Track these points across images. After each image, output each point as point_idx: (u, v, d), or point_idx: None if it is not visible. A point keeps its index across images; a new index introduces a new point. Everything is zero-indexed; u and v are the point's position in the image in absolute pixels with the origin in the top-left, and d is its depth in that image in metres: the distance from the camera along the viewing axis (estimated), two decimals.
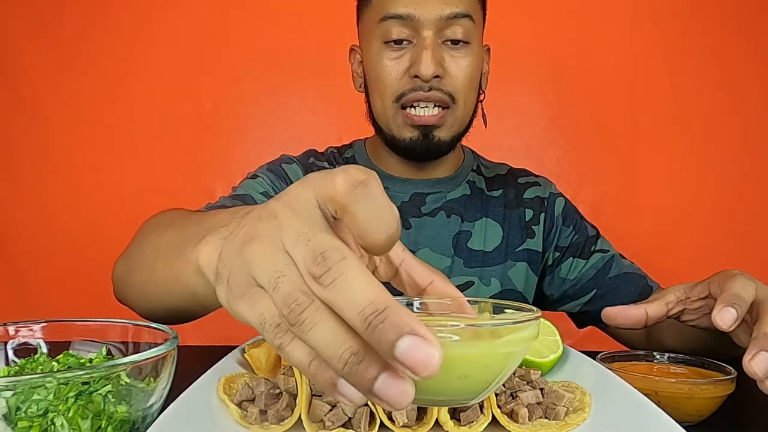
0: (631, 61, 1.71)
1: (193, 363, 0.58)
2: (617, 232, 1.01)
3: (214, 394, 0.52)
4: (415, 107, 0.88)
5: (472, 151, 1.09)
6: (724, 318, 0.56)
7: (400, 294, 0.42)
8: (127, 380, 0.46)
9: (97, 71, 1.75)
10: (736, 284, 0.59)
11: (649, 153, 1.72)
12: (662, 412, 0.46)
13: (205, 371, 0.56)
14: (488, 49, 0.99)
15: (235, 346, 0.65)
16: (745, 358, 0.53)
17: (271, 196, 0.72)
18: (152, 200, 0.94)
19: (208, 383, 0.53)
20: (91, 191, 1.74)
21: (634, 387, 0.53)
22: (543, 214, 1.01)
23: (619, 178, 1.72)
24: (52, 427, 0.43)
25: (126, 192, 1.71)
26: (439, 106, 0.88)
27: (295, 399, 0.49)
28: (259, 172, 0.97)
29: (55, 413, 0.43)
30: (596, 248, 0.99)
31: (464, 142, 1.11)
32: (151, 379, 0.48)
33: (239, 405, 0.51)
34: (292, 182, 0.83)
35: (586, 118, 1.73)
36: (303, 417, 0.45)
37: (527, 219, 1.00)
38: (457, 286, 0.85)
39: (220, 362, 0.59)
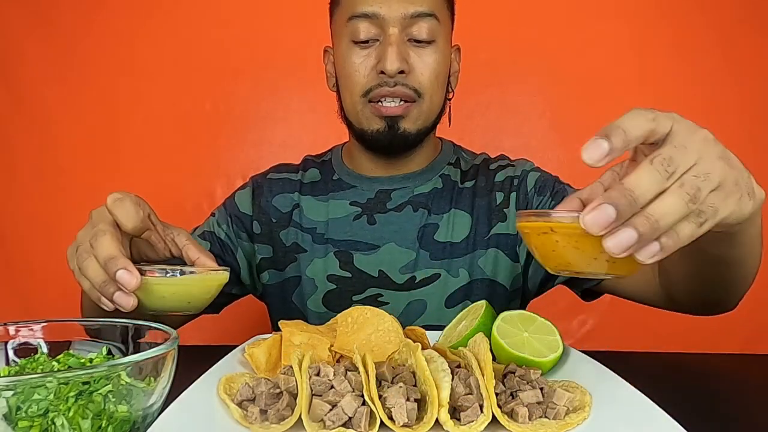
0: (631, 61, 1.71)
1: (193, 363, 0.58)
2: None
3: (214, 394, 0.52)
4: (381, 101, 0.90)
5: (454, 145, 1.09)
6: (588, 150, 0.41)
7: None
8: (128, 380, 0.46)
9: (97, 71, 1.75)
10: (625, 116, 0.43)
11: None
12: (663, 411, 0.46)
13: (205, 371, 0.56)
14: (458, 49, 1.00)
15: (235, 346, 0.65)
16: (583, 212, 0.40)
17: (216, 232, 1.02)
18: (152, 200, 0.94)
19: (208, 383, 0.53)
20: (91, 191, 1.73)
21: (532, 225, 0.46)
22: (514, 194, 0.98)
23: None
24: (53, 426, 0.43)
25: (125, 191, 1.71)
26: (404, 101, 0.90)
27: (295, 398, 0.49)
28: (217, 209, 1.06)
29: (56, 413, 0.43)
30: None
31: (464, 142, 1.11)
32: (152, 378, 0.48)
33: (239, 405, 0.51)
34: (239, 210, 1.04)
35: (586, 118, 1.73)
36: (303, 416, 0.46)
37: (498, 203, 0.98)
38: (424, 279, 0.97)
39: (220, 362, 0.59)
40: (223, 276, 0.66)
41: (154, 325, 0.57)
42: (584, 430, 0.48)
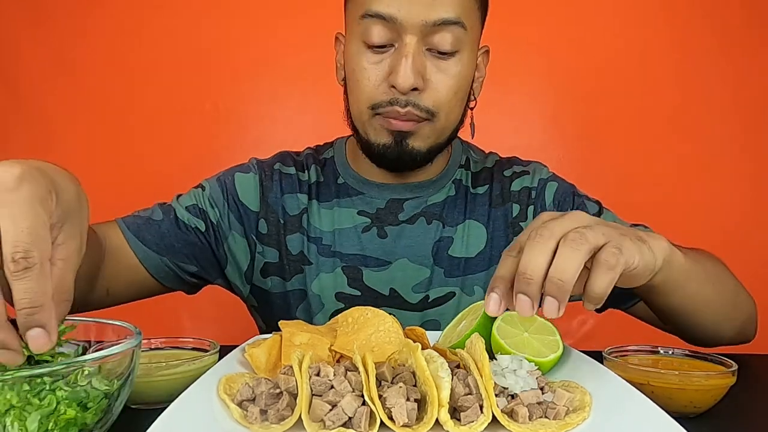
0: (630, 61, 1.71)
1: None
2: None
3: (214, 394, 0.52)
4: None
5: (462, 143, 1.00)
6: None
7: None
8: (84, 381, 0.44)
9: (96, 71, 1.75)
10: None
11: (649, 152, 1.72)
12: (663, 411, 0.46)
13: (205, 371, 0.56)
14: (487, 51, 0.91)
15: (235, 346, 0.65)
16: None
17: (207, 212, 0.91)
18: (152, 200, 0.94)
19: (208, 383, 0.53)
20: (90, 191, 1.73)
21: (629, 378, 0.54)
22: (531, 207, 0.92)
23: (619, 178, 1.72)
24: (2, 428, 0.42)
25: (125, 192, 1.71)
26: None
27: (295, 399, 0.49)
28: (208, 182, 0.95)
29: (6, 414, 0.42)
30: None
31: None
32: (115, 381, 0.46)
33: (240, 405, 0.51)
34: (240, 199, 0.93)
35: (586, 118, 1.73)
36: (303, 417, 0.46)
37: (514, 215, 0.92)
38: (438, 298, 0.89)
39: (220, 362, 0.59)
40: (212, 359, 0.64)
41: (118, 322, 0.54)
42: (584, 430, 0.48)
